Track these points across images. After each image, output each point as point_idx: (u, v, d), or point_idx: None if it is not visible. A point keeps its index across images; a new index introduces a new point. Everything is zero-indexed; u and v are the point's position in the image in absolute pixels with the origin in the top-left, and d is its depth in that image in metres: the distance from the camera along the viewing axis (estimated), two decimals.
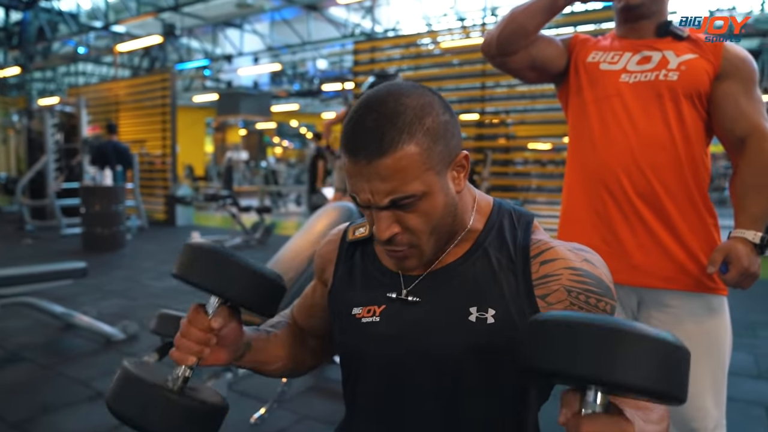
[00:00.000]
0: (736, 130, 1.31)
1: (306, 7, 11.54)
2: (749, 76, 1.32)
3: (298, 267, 2.31)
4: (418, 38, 7.56)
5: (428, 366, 0.79)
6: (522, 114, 6.98)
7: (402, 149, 0.71)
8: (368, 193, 0.74)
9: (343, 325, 0.88)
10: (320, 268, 0.98)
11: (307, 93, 16.90)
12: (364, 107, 0.75)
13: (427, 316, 0.81)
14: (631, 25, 1.42)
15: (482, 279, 0.80)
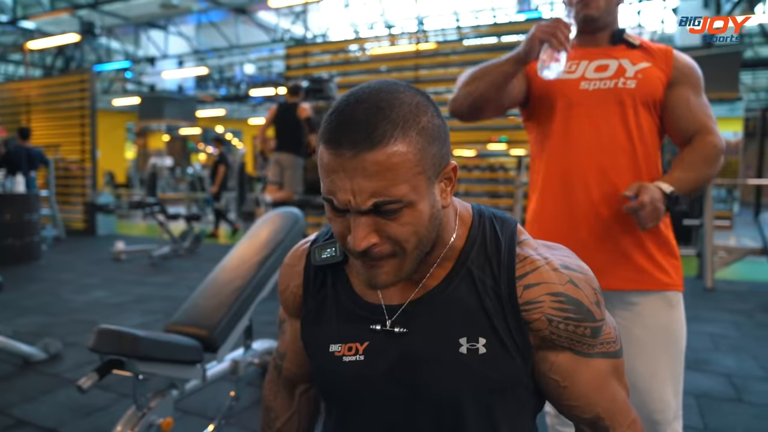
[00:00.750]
0: (689, 130, 1.40)
1: (234, 11, 11.28)
2: (697, 82, 1.42)
3: (245, 275, 2.22)
4: (351, 44, 7.55)
5: (426, 405, 0.75)
6: (449, 120, 7.10)
7: (395, 144, 0.63)
8: (349, 193, 0.64)
9: (320, 364, 0.81)
10: (294, 306, 0.88)
11: (234, 98, 16.50)
12: (353, 98, 0.66)
13: (415, 349, 0.74)
14: (588, 35, 1.47)
15: (468, 305, 0.75)
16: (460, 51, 6.68)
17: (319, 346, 0.81)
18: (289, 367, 0.93)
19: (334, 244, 0.82)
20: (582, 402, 0.77)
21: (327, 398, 0.86)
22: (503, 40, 6.53)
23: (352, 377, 0.77)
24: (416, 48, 6.77)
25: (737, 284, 5.53)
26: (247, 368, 2.31)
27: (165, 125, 16.69)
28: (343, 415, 0.82)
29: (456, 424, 0.75)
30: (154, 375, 1.80)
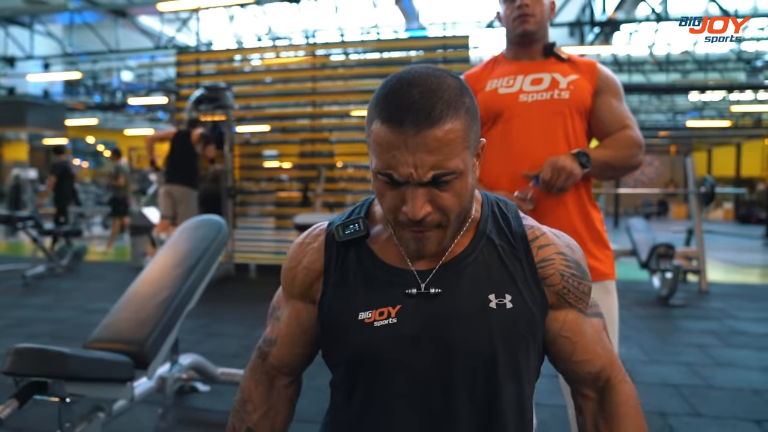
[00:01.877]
0: (612, 129, 1.58)
1: (113, 13, 10.56)
2: (618, 91, 1.61)
3: (171, 285, 2.10)
4: (247, 53, 7.39)
5: (460, 361, 0.78)
6: (343, 132, 7.18)
7: (450, 122, 0.72)
8: (411, 167, 0.71)
9: (346, 335, 0.81)
10: (304, 285, 0.88)
11: (109, 107, 15.36)
12: (404, 82, 0.73)
13: (448, 308, 0.79)
14: (523, 48, 1.62)
15: (493, 266, 0.82)
16: (361, 64, 6.80)
17: (347, 316, 0.81)
18: (279, 355, 0.91)
19: (356, 221, 0.86)
20: (590, 356, 0.86)
21: (351, 374, 0.83)
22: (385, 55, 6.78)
23: (384, 340, 0.78)
24: (314, 59, 6.79)
25: None
26: (174, 385, 2.18)
27: (27, 133, 15.13)
28: (372, 386, 0.81)
29: (490, 380, 0.79)
30: (83, 397, 1.65)
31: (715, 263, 7.59)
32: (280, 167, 7.17)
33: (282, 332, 0.91)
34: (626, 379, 0.89)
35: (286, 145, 7.11)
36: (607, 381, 0.87)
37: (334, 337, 0.84)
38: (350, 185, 7.29)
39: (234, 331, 3.99)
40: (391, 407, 0.80)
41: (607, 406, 0.86)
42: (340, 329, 0.82)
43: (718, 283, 6.12)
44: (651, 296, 5.41)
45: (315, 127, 6.82)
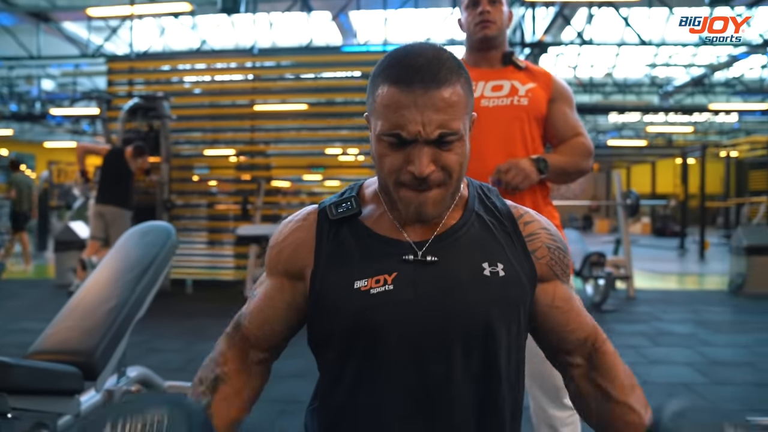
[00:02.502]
0: (566, 137, 1.69)
1: (33, 16, 9.99)
2: (571, 100, 1.73)
3: (120, 293, 1.99)
4: (184, 62, 7.20)
5: (457, 326, 0.80)
6: (279, 145, 7.11)
7: (455, 85, 0.77)
8: (419, 125, 0.75)
9: (341, 304, 0.81)
10: (290, 260, 0.88)
11: (27, 117, 14.44)
12: (409, 51, 0.79)
13: (444, 275, 0.81)
14: (483, 54, 1.70)
15: (484, 238, 0.86)
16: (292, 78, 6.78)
17: (341, 286, 0.82)
18: (250, 327, 0.90)
19: (348, 200, 0.88)
20: (580, 323, 0.90)
21: (347, 345, 0.83)
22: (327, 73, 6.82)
23: (381, 306, 0.79)
24: (252, 72, 6.71)
25: None
26: (122, 398, 2.06)
27: None
28: (369, 356, 0.81)
29: (486, 346, 0.81)
30: (26, 412, 1.53)
31: (638, 272, 8.05)
32: (217, 179, 7.00)
33: (256, 306, 0.90)
34: (606, 338, 0.93)
35: (222, 158, 6.96)
36: (593, 344, 0.91)
37: (328, 308, 0.83)
38: (289, 198, 7.24)
39: (175, 346, 3.84)
40: (389, 375, 0.80)
41: (599, 362, 0.89)
42: (334, 299, 0.82)
43: (643, 290, 6.51)
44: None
45: (254, 139, 6.73)
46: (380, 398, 0.81)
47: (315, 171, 6.87)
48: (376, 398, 0.81)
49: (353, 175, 6.80)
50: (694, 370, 3.40)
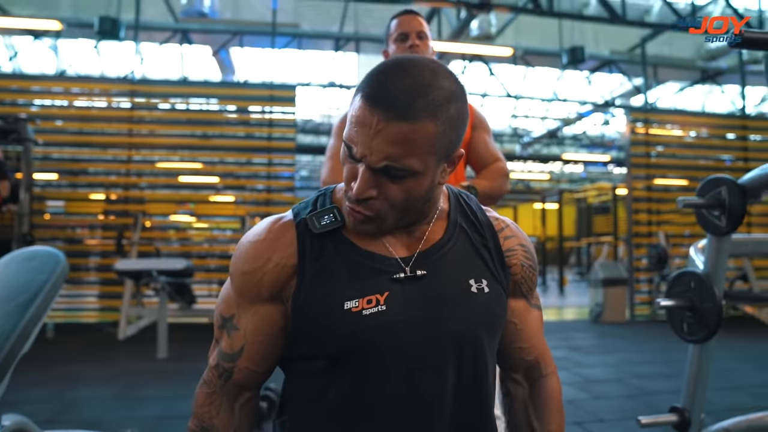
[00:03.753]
0: (487, 161, 1.82)
1: None
2: (489, 128, 1.89)
3: (2, 324, 1.74)
4: (53, 85, 6.61)
5: (449, 343, 0.79)
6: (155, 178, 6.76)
7: (422, 123, 0.70)
8: (367, 148, 0.71)
9: (330, 326, 0.76)
10: (275, 284, 0.80)
11: None
12: (401, 66, 0.73)
13: (434, 292, 0.79)
14: None
15: (468, 253, 0.85)
16: (178, 109, 6.52)
17: (329, 307, 0.76)
18: (246, 366, 0.82)
19: (330, 211, 0.82)
20: (530, 344, 0.92)
21: (335, 366, 0.78)
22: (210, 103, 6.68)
23: (375, 328, 0.76)
24: (131, 101, 6.35)
25: None
26: None
27: None
28: (361, 377, 0.77)
29: (476, 361, 0.81)
30: None
31: None
32: (88, 213, 6.42)
33: (249, 340, 0.81)
34: (555, 372, 0.95)
35: (94, 190, 6.42)
36: (539, 371, 0.93)
37: (314, 330, 0.77)
38: (164, 234, 6.82)
39: (42, 396, 3.37)
40: (382, 395, 0.77)
41: (537, 396, 0.92)
42: (321, 321, 0.77)
43: None
44: None
45: (130, 171, 6.30)
46: (371, 416, 0.78)
47: (188, 205, 6.55)
48: (366, 416, 0.78)
49: (227, 215, 6.64)
50: (576, 388, 3.70)
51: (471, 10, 6.69)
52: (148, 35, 8.96)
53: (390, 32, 1.79)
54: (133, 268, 4.49)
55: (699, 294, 1.89)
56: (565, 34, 8.66)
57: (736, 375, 3.98)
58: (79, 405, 3.27)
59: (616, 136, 14.41)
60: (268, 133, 6.13)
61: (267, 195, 6.18)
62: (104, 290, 6.04)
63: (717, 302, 1.84)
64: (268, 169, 6.13)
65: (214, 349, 0.85)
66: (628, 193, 7.39)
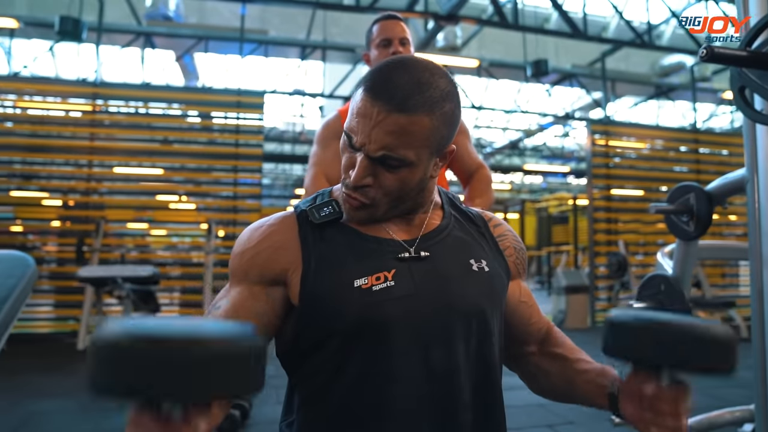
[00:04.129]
0: (471, 168, 1.87)
1: None
2: (470, 133, 1.96)
3: None
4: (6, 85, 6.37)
5: (456, 316, 0.82)
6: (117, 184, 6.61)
7: (419, 116, 0.76)
8: (366, 138, 0.77)
9: (341, 304, 0.79)
10: (267, 264, 0.83)
11: None
12: (401, 63, 0.80)
13: (438, 270, 0.84)
14: None
15: (465, 238, 0.91)
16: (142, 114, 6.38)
17: (342, 285, 0.80)
18: None
19: (329, 204, 0.87)
20: (540, 316, 0.99)
21: (348, 344, 0.80)
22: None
23: (385, 302, 0.79)
24: (93, 106, 6.17)
25: None
26: None
27: None
28: (373, 353, 0.79)
29: (482, 334, 0.85)
30: None
31: None
32: (46, 219, 6.19)
33: (227, 315, 0.82)
34: (553, 324, 1.03)
35: (52, 195, 6.20)
36: (547, 331, 1.00)
37: (327, 309, 0.80)
38: (125, 241, 6.64)
39: None
40: (395, 368, 0.79)
41: (551, 339, 0.99)
42: (334, 299, 0.80)
43: None
44: None
45: (92, 175, 6.12)
46: (386, 392, 0.79)
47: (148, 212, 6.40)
48: (382, 393, 0.79)
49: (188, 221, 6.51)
50: None
51: (439, 22, 6.81)
52: (109, 38, 8.74)
53: (372, 37, 1.81)
54: (98, 275, 4.34)
55: (669, 296, 1.97)
56: (529, 48, 8.91)
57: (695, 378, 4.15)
58: (39, 418, 3.15)
59: (575, 148, 14.84)
60: (235, 140, 6.06)
61: (233, 202, 6.10)
62: (60, 299, 5.82)
63: (686, 303, 1.93)
64: (235, 176, 6.06)
65: None
66: (589, 203, 7.62)
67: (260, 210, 6.41)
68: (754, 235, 1.51)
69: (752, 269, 1.51)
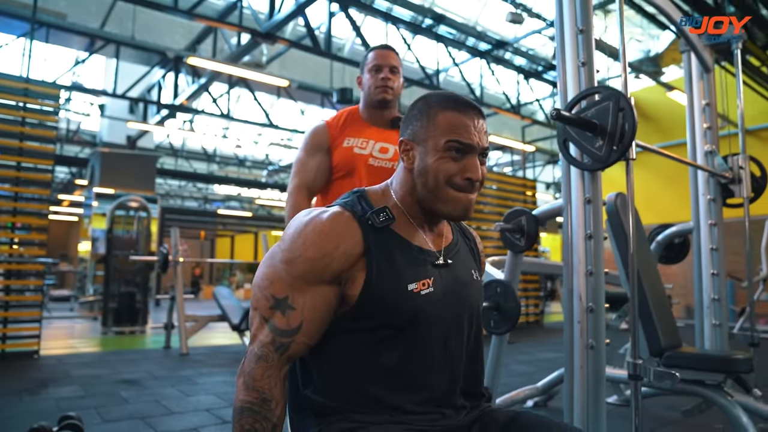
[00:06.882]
0: None
1: None
2: None
3: None
4: None
5: (466, 316, 1.06)
6: None
7: (485, 120, 1.03)
8: (477, 137, 0.98)
9: (398, 303, 0.96)
10: (341, 268, 0.95)
11: None
12: (446, 93, 1.04)
13: (456, 277, 1.06)
14: (378, 112, 2.00)
15: (467, 252, 1.15)
16: None
17: (400, 288, 0.97)
18: (304, 341, 0.95)
19: (383, 210, 1.02)
20: None
21: (394, 333, 0.97)
22: None
23: (427, 305, 0.99)
24: None
25: (203, 347, 6.35)
26: None
27: None
28: (413, 338, 0.98)
29: (478, 327, 1.12)
30: None
31: None
32: None
33: (307, 317, 0.94)
34: None
35: None
36: None
37: (387, 306, 0.96)
38: None
39: None
40: (427, 356, 1.00)
41: None
42: (394, 299, 0.96)
43: None
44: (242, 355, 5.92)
45: None
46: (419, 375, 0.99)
47: None
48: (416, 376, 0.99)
49: None
50: None
51: (257, 39, 6.91)
52: None
53: (366, 62, 2.00)
54: None
55: (504, 296, 2.50)
56: (323, 73, 9.47)
57: (510, 366, 4.97)
58: None
59: None
60: (20, 132, 5.25)
61: (14, 204, 5.26)
62: None
63: (518, 302, 2.49)
64: (17, 174, 5.22)
65: (262, 328, 0.95)
66: None
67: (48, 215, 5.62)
68: (566, 247, 2.05)
69: (565, 273, 2.03)
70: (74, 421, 2.74)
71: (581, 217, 1.97)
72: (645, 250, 2.69)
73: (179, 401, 3.56)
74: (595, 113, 1.83)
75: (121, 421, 3.04)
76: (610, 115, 1.78)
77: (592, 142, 1.84)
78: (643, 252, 2.60)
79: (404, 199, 1.05)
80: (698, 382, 2.29)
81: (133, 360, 5.37)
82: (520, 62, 10.67)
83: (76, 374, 4.46)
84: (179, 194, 20.35)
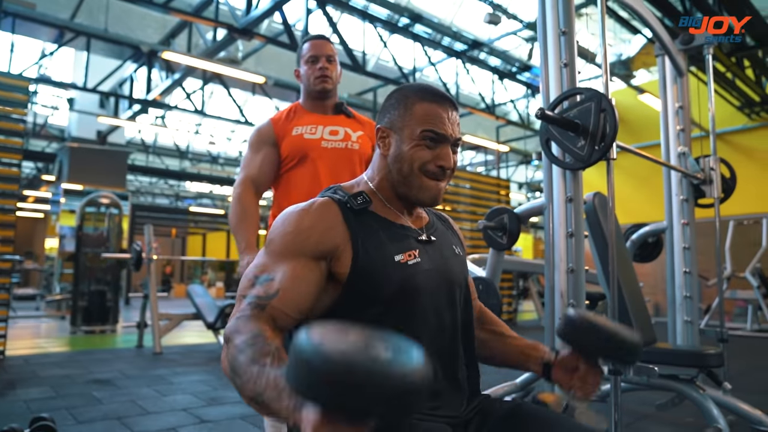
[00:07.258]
0: None
1: None
2: None
3: None
4: None
5: (455, 286, 1.10)
6: None
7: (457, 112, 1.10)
8: (450, 128, 1.04)
9: (388, 273, 0.99)
10: (320, 241, 0.98)
11: None
12: (422, 85, 1.08)
13: (440, 252, 1.11)
14: (320, 102, 2.02)
15: (445, 230, 1.20)
16: None
17: (386, 260, 1.01)
18: (280, 308, 0.93)
19: (360, 194, 1.07)
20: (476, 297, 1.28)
21: (387, 306, 0.99)
22: None
23: (417, 273, 1.03)
24: None
25: (177, 346, 6.28)
26: None
27: None
28: (408, 310, 1.01)
29: (467, 300, 1.15)
30: None
31: None
32: None
33: (284, 286, 0.94)
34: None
35: None
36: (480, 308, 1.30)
37: (376, 278, 0.99)
38: None
39: None
40: (421, 327, 1.02)
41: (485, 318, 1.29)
42: (380, 271, 0.99)
43: None
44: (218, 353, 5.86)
45: None
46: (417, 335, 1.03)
47: None
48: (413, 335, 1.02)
49: None
50: None
51: (233, 34, 6.83)
52: None
53: (302, 53, 2.00)
54: None
55: (486, 293, 2.53)
56: None
57: None
58: None
59: None
60: None
61: None
62: None
63: (500, 298, 2.52)
64: None
65: (240, 303, 0.93)
66: None
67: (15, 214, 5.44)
68: (548, 244, 2.10)
69: (547, 270, 2.09)
70: (47, 422, 2.67)
71: (563, 216, 2.01)
72: (622, 248, 2.75)
73: (155, 401, 3.51)
74: (577, 114, 1.87)
75: (95, 422, 2.98)
76: (592, 115, 1.82)
77: (575, 142, 1.88)
78: (620, 251, 2.66)
79: (380, 184, 1.11)
80: (672, 377, 2.35)
81: (104, 359, 5.26)
82: (495, 63, 10.77)
83: (46, 375, 4.35)
84: (150, 191, 19.98)
